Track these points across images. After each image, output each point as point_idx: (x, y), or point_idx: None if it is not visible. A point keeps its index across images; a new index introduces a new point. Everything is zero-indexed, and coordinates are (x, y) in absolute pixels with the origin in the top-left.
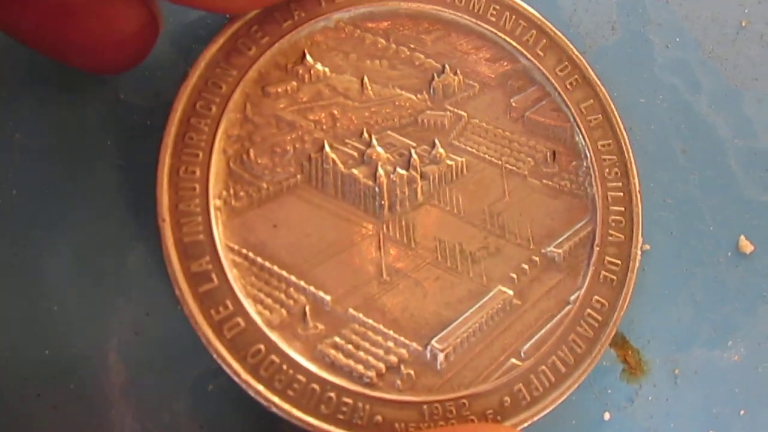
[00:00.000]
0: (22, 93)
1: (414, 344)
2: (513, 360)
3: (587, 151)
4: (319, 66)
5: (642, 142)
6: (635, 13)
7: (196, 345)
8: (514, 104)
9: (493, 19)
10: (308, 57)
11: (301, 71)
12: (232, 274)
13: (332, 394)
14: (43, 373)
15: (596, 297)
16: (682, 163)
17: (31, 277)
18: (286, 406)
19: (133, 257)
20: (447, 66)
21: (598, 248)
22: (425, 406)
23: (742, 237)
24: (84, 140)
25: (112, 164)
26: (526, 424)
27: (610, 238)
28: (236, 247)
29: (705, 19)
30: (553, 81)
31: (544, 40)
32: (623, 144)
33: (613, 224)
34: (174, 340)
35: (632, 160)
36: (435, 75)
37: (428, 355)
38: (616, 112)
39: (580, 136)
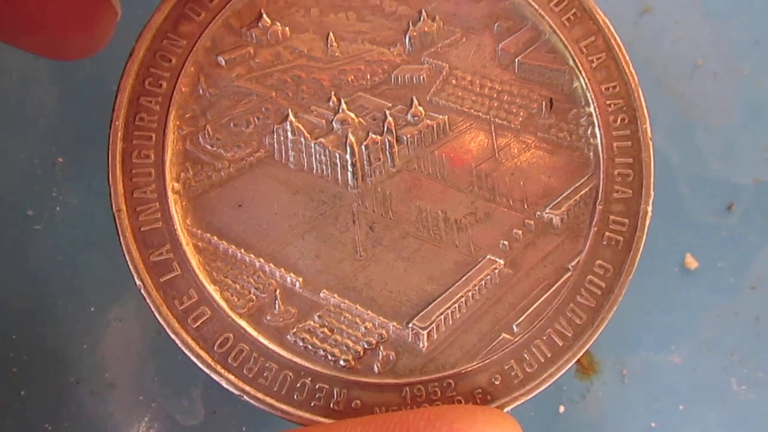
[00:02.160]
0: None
1: (393, 324)
2: (504, 335)
3: (589, 97)
4: (277, 26)
5: None
6: None
7: None
8: (503, 48)
9: None
10: (265, 17)
11: (257, 34)
12: (195, 261)
13: (307, 380)
14: (82, 364)
15: (599, 261)
16: None
17: (74, 285)
18: (259, 395)
19: None
20: (424, 12)
21: (601, 206)
22: (406, 389)
23: (689, 255)
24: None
25: None
26: (518, 403)
27: (616, 194)
28: (199, 232)
29: (665, 58)
30: (548, 17)
31: None
32: (631, 86)
33: (620, 178)
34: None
35: (642, 103)
36: (410, 23)
37: (409, 334)
38: (623, 50)
39: (581, 79)
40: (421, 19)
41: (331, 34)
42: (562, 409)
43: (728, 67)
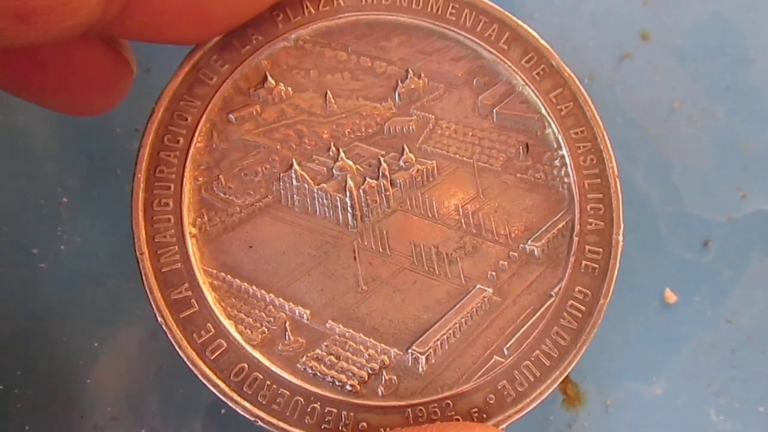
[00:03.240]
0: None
1: (394, 350)
2: (496, 357)
3: (560, 141)
4: (281, 86)
5: None
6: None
7: None
8: (482, 101)
9: (453, 18)
10: (270, 79)
11: (263, 94)
12: (211, 297)
13: (317, 405)
14: (85, 398)
15: (578, 287)
16: None
17: (77, 321)
18: (273, 420)
19: None
20: (410, 70)
21: (577, 238)
22: (409, 410)
23: (668, 289)
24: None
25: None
26: (512, 420)
27: (590, 226)
28: (214, 272)
29: (643, 102)
30: (520, 73)
31: (507, 33)
32: (597, 130)
33: (592, 212)
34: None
35: (608, 145)
36: (399, 81)
37: (409, 359)
38: (588, 99)
39: (552, 126)
40: (408, 77)
41: (328, 92)
42: None
43: (702, 110)
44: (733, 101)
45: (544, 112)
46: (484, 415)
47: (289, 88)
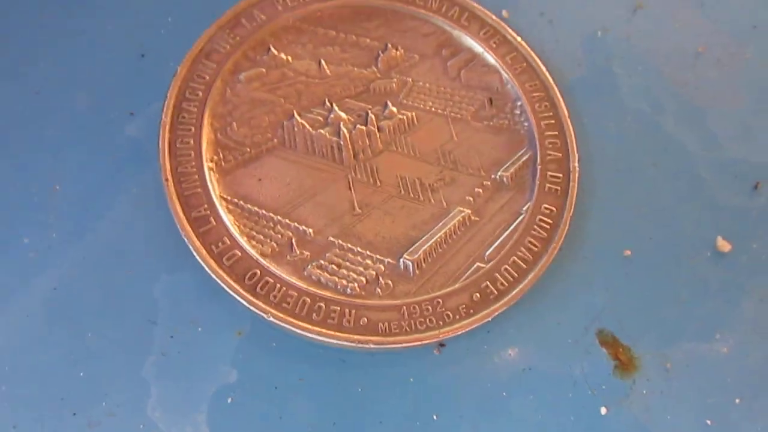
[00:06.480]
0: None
1: (388, 259)
2: (478, 264)
3: (518, 93)
4: (282, 55)
5: (614, 160)
6: (598, 49)
7: (217, 362)
8: (450, 66)
9: (422, 3)
10: (273, 49)
11: (267, 59)
12: (227, 218)
13: (321, 304)
14: (78, 393)
15: (545, 205)
16: (653, 176)
17: (69, 312)
18: (282, 315)
19: (158, 285)
20: (389, 44)
21: (540, 166)
22: (404, 308)
23: (720, 238)
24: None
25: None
26: (497, 314)
27: (549, 157)
28: (229, 198)
29: (664, 50)
30: (480, 43)
31: (466, 13)
32: (547, 82)
33: (550, 146)
34: (196, 358)
35: (557, 92)
36: (380, 52)
37: (402, 266)
38: (536, 58)
39: (511, 82)
40: (387, 49)
41: (322, 60)
42: (604, 410)
43: (731, 53)
44: (763, 40)
45: (502, 72)
46: (471, 310)
47: (289, 57)
